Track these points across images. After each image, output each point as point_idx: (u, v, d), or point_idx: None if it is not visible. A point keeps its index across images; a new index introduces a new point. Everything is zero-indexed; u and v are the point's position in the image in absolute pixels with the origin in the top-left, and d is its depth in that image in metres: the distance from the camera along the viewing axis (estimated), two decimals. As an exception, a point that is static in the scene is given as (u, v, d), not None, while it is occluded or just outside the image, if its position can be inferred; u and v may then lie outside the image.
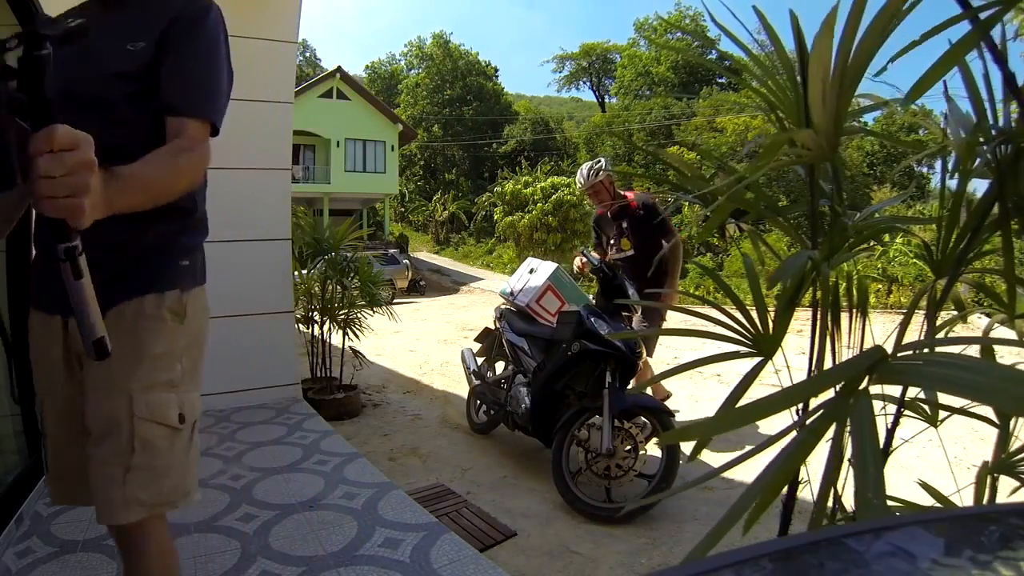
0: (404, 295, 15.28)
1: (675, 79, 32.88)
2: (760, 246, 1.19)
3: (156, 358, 1.09)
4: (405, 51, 40.46)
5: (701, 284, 13.34)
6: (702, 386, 4.73)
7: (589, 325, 2.65)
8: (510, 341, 3.36)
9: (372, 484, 2.44)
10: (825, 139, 0.73)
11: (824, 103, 0.70)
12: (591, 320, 2.67)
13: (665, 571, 0.37)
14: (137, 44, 1.05)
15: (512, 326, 3.40)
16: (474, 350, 3.87)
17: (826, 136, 0.73)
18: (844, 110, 0.71)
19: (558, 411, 2.76)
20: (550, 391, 2.80)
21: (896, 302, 10.59)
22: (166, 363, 1.10)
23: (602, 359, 2.62)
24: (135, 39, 1.05)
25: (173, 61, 1.06)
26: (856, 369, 0.60)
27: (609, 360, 2.60)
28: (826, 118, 0.71)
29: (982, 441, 3.02)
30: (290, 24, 3.91)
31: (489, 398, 3.41)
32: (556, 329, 2.97)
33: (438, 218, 28.50)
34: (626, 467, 2.51)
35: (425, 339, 7.56)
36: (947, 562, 0.40)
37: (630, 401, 2.57)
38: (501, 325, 3.49)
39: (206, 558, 1.84)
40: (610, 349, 2.58)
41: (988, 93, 0.77)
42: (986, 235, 0.78)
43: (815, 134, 0.73)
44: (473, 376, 3.64)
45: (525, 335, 3.24)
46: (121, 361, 1.02)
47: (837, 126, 0.71)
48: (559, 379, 2.79)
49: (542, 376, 2.85)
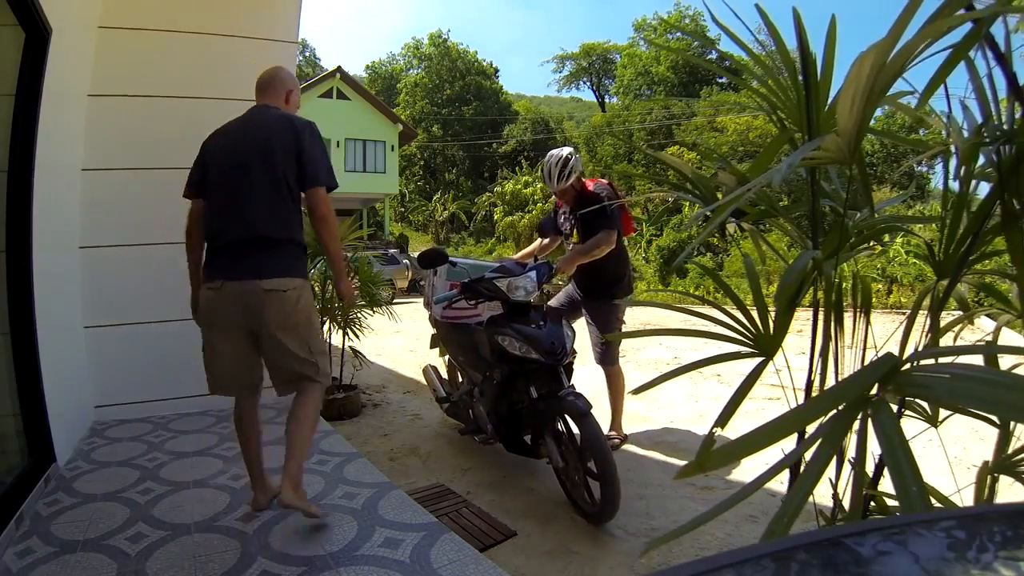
0: (404, 295, 15.28)
1: (675, 79, 32.86)
2: (761, 246, 1.19)
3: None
4: (403, 51, 40.52)
5: (701, 284, 13.33)
6: (702, 386, 4.73)
7: (498, 346, 2.48)
8: (451, 356, 3.18)
9: (372, 484, 2.44)
10: (847, 145, 0.73)
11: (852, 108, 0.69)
12: (499, 339, 2.48)
13: (665, 571, 0.37)
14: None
15: (446, 339, 3.19)
16: (435, 364, 3.76)
17: (848, 142, 0.73)
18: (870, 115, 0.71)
19: (521, 423, 2.63)
20: (502, 411, 2.64)
21: (896, 302, 10.57)
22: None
23: (523, 374, 2.48)
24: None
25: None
26: (870, 380, 0.60)
27: (530, 373, 2.46)
28: (852, 121, 0.70)
29: (982, 441, 3.01)
30: (290, 24, 3.91)
31: (464, 417, 3.20)
32: (477, 343, 2.76)
33: (438, 218, 28.49)
34: (574, 470, 2.39)
35: (425, 339, 7.54)
36: (947, 562, 0.40)
37: (545, 408, 2.42)
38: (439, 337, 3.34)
39: (206, 558, 1.84)
40: (529, 363, 2.42)
41: (992, 93, 0.77)
42: (989, 237, 0.78)
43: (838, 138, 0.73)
44: (440, 402, 3.47)
45: (459, 345, 3.03)
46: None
47: (861, 132, 0.71)
48: (503, 400, 2.61)
49: (488, 400, 2.69)
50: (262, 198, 1.96)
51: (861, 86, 0.67)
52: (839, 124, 0.73)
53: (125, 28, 3.40)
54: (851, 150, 0.73)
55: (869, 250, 1.09)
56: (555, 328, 2.47)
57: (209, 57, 3.62)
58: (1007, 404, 0.50)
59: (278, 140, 1.98)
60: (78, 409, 3.14)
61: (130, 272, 3.42)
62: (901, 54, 0.65)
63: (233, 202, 1.97)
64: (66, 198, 3.09)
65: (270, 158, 1.97)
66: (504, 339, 2.46)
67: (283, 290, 1.95)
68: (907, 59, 0.65)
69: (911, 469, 0.51)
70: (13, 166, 2.37)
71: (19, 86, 2.41)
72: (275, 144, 1.98)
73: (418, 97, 35.88)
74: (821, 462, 0.57)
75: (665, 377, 0.92)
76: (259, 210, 1.95)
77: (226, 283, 1.95)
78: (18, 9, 2.29)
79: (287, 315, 1.97)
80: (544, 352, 2.38)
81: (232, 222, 1.97)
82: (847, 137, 0.72)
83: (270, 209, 1.96)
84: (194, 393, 3.54)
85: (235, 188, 1.97)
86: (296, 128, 2.01)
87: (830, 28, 0.89)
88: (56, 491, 2.34)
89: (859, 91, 0.67)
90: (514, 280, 2.57)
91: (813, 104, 0.86)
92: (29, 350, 2.41)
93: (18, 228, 2.38)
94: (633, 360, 6.09)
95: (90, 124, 3.30)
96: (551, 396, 2.41)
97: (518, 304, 2.56)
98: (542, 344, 2.39)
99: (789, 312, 0.89)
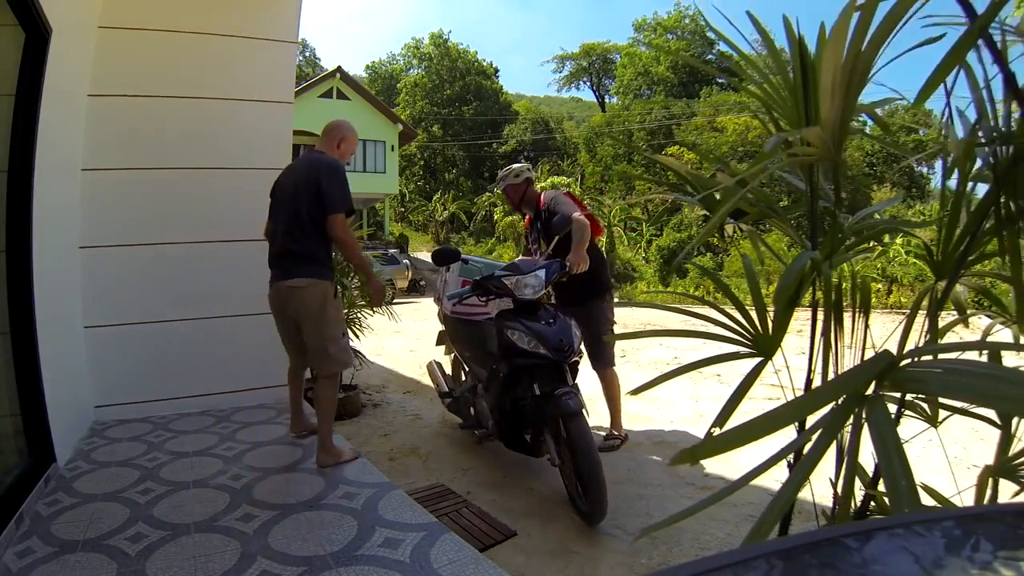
0: (404, 295, 15.28)
1: (675, 79, 32.87)
2: (760, 246, 1.19)
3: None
4: (403, 51, 40.50)
5: (701, 284, 13.33)
6: (702, 385, 4.73)
7: (507, 340, 2.49)
8: (458, 355, 3.23)
9: (372, 484, 2.44)
10: (831, 137, 0.73)
11: (833, 96, 0.69)
12: (509, 332, 2.50)
13: (665, 571, 0.37)
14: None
15: (453, 335, 3.25)
16: (439, 361, 3.78)
17: (832, 134, 0.73)
18: (852, 106, 0.71)
19: (523, 421, 2.63)
20: (505, 407, 2.65)
21: (896, 302, 10.58)
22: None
23: (528, 370, 2.48)
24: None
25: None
26: (866, 376, 0.60)
27: (534, 370, 2.47)
28: (834, 112, 0.71)
29: (982, 441, 3.02)
30: (290, 24, 3.91)
31: (465, 413, 3.24)
32: (486, 337, 2.80)
33: (438, 218, 28.49)
34: (569, 469, 2.40)
35: (425, 339, 7.55)
36: (947, 562, 0.40)
37: (549, 410, 2.41)
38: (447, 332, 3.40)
39: (206, 558, 1.84)
40: (535, 359, 2.43)
41: (988, 93, 0.77)
42: (986, 238, 0.78)
43: (822, 131, 0.73)
44: (443, 397, 3.50)
45: (466, 342, 3.07)
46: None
47: (844, 124, 0.71)
48: (506, 396, 2.62)
49: (491, 396, 2.71)
50: (287, 222, 2.65)
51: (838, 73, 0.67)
52: (822, 116, 0.73)
53: (125, 28, 3.40)
54: (836, 144, 0.73)
55: (868, 251, 1.09)
56: (564, 326, 2.51)
57: (209, 57, 3.62)
58: (1004, 397, 0.50)
59: (303, 180, 2.65)
60: (78, 409, 3.14)
61: (130, 272, 3.42)
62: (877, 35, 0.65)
63: (275, 225, 2.72)
64: (66, 198, 3.09)
65: (296, 194, 2.64)
66: (513, 333, 2.48)
67: (299, 287, 2.61)
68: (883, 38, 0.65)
69: (902, 465, 0.52)
70: (13, 166, 2.37)
71: (19, 86, 2.41)
72: (301, 183, 2.65)
73: (418, 97, 35.86)
74: (817, 454, 0.57)
75: (665, 377, 0.92)
76: (283, 231, 2.66)
77: (272, 284, 2.73)
78: (18, 9, 2.29)
79: (300, 306, 2.63)
80: (552, 348, 2.40)
81: (273, 239, 2.73)
82: (831, 128, 0.72)
83: (290, 230, 2.63)
84: (194, 393, 3.55)
85: (276, 214, 2.74)
86: (318, 170, 2.65)
87: (820, 35, 0.89)
88: (56, 491, 2.34)
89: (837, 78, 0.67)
90: (522, 278, 2.60)
91: (812, 105, 0.86)
92: (29, 350, 2.40)
93: (18, 228, 2.38)
94: (633, 360, 6.09)
95: (90, 124, 3.30)
96: (550, 395, 2.42)
97: (527, 302, 2.59)
98: (551, 341, 2.41)
99: (788, 312, 0.89)
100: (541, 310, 2.60)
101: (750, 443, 0.60)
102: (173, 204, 3.52)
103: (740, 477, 0.61)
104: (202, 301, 3.56)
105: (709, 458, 0.70)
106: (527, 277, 2.61)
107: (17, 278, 2.37)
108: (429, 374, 3.78)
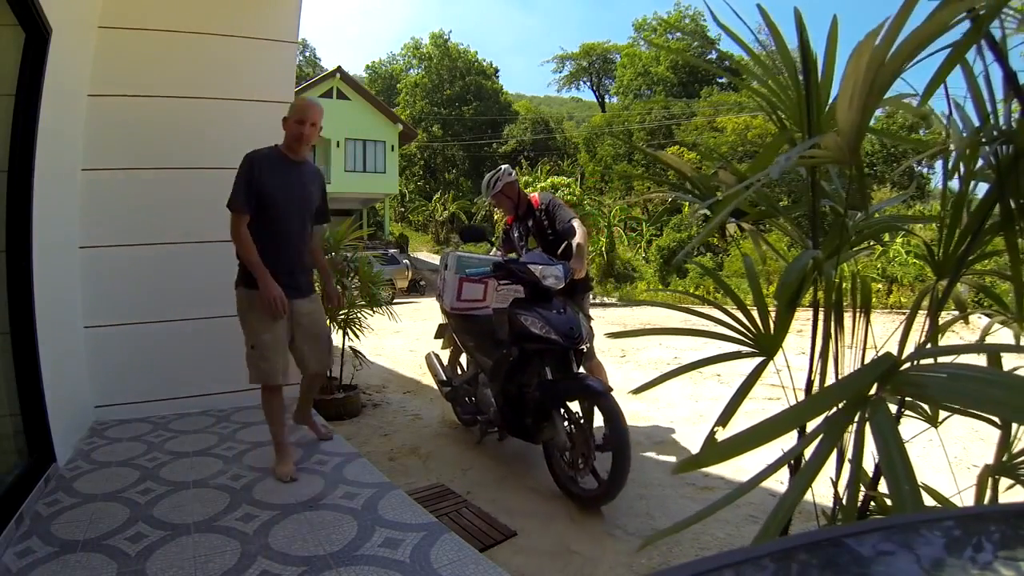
0: (404, 295, 15.28)
1: (675, 79, 32.86)
2: (761, 246, 1.19)
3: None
4: (403, 51, 40.49)
5: (701, 284, 13.32)
6: (702, 385, 4.73)
7: (520, 325, 2.63)
8: (461, 343, 3.35)
9: (372, 484, 2.44)
10: (847, 144, 0.73)
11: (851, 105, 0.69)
12: (523, 318, 2.63)
13: (665, 571, 0.37)
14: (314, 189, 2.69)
15: (457, 328, 3.38)
16: (437, 352, 3.86)
17: (848, 141, 0.73)
18: (870, 114, 0.70)
19: (526, 407, 2.75)
20: (511, 392, 2.79)
21: (896, 302, 10.57)
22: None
23: (539, 355, 2.63)
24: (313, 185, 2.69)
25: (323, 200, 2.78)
26: (868, 379, 0.60)
27: (545, 354, 2.62)
28: (852, 120, 0.70)
29: (982, 441, 3.01)
30: (290, 24, 3.91)
31: (463, 402, 3.41)
32: (495, 325, 2.96)
33: (438, 218, 28.49)
34: (580, 453, 2.49)
35: (425, 339, 7.53)
36: (947, 562, 0.40)
37: (562, 388, 2.57)
38: (450, 327, 3.50)
39: (206, 558, 1.84)
40: (546, 344, 2.57)
41: (989, 92, 0.77)
42: (987, 237, 0.78)
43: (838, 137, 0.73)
44: (441, 385, 3.63)
45: (470, 333, 3.23)
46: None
47: (861, 131, 0.71)
48: (512, 380, 2.78)
49: (497, 381, 2.84)
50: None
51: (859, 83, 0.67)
52: (839, 122, 0.73)
53: (125, 28, 3.39)
54: (851, 149, 0.73)
55: (869, 250, 1.09)
56: (573, 317, 2.69)
57: (209, 57, 3.62)
58: (1004, 404, 0.50)
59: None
60: (78, 409, 3.13)
61: (130, 272, 3.42)
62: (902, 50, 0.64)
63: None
64: (66, 198, 3.08)
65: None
66: (527, 319, 2.63)
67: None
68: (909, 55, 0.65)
69: (905, 468, 0.52)
70: (13, 166, 2.37)
71: (19, 86, 2.40)
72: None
73: (418, 97, 35.84)
74: (820, 458, 0.57)
75: (665, 377, 0.92)
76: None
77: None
78: (18, 9, 2.29)
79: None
80: (563, 335, 2.55)
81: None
82: (847, 136, 0.72)
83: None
84: (194, 393, 3.55)
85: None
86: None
87: (831, 29, 0.89)
88: (56, 491, 2.34)
89: (858, 88, 0.67)
90: (547, 268, 2.76)
91: (813, 104, 0.86)
92: (29, 350, 2.40)
93: (18, 228, 2.38)
94: (633, 360, 6.09)
95: (90, 124, 3.30)
96: (568, 378, 2.59)
97: (543, 291, 2.73)
98: (561, 328, 2.57)
99: (789, 312, 0.89)
100: (554, 300, 2.75)
101: (753, 449, 0.60)
102: (173, 204, 3.52)
103: (745, 482, 0.61)
104: (202, 301, 3.56)
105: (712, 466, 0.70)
106: (552, 268, 2.76)
107: (17, 278, 2.37)
108: (428, 365, 3.86)
